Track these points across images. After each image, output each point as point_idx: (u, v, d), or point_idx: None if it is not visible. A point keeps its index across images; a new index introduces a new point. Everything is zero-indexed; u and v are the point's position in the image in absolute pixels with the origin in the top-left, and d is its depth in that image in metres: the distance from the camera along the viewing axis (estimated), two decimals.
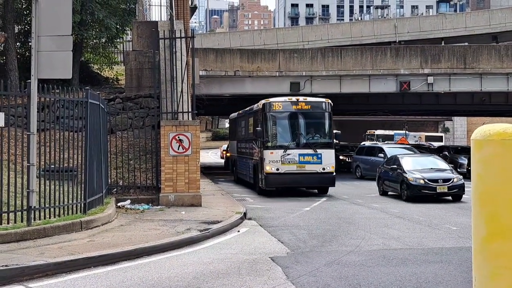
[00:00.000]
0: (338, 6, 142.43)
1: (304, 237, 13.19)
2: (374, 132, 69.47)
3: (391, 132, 67.68)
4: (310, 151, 23.42)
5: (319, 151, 23.51)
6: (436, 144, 57.15)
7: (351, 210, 18.83)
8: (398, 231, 14.15)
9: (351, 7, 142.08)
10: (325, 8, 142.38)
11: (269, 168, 23.09)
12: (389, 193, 24.04)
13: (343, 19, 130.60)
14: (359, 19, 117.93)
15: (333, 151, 24.35)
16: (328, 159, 23.45)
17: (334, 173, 23.85)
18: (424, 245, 12.27)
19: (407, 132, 68.91)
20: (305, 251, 11.44)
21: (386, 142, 55.00)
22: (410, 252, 11.38)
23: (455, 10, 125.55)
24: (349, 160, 41.26)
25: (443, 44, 51.67)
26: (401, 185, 22.33)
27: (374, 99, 41.12)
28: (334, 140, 25.60)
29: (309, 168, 23.43)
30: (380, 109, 48.25)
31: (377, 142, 51.56)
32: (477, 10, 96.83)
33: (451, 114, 67.30)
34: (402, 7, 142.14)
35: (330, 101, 25.26)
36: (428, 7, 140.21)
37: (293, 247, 11.93)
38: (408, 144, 46.73)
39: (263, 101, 24.96)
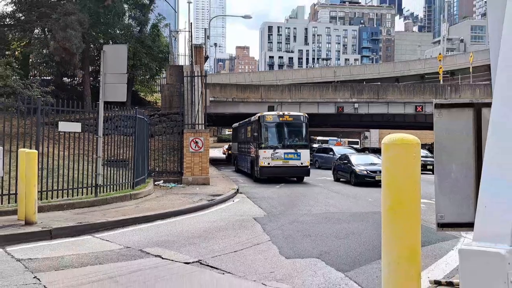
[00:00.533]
0: (299, 58, 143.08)
1: (275, 205, 13.13)
2: (316, 138, 69.01)
3: (327, 138, 67.01)
4: (292, 151, 21.11)
5: (298, 150, 21.10)
6: (355, 146, 56.27)
7: (309, 189, 18.78)
8: (335, 201, 14.14)
9: (307, 59, 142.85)
10: (291, 59, 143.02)
11: (262, 162, 20.74)
12: (341, 179, 22.95)
13: (301, 66, 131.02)
14: (312, 66, 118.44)
15: (308, 151, 21.62)
16: (304, 157, 21.03)
17: (309, 166, 21.38)
18: (351, 210, 12.27)
19: (340, 138, 69.07)
20: (276, 214, 11.39)
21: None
22: (342, 214, 11.38)
23: (372, 62, 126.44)
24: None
25: (364, 83, 51.91)
26: (350, 175, 21.40)
27: (321, 117, 41.20)
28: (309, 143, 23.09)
29: (292, 162, 20.99)
30: (324, 123, 48.23)
31: (322, 144, 51.13)
32: (386, 62, 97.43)
33: (369, 127, 67.46)
34: (339, 59, 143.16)
35: (306, 115, 22.54)
36: (355, 59, 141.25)
37: (268, 211, 11.86)
38: (341, 146, 46.69)
39: (258, 114, 22.14)
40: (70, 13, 22.19)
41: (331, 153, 33.27)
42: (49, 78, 28.20)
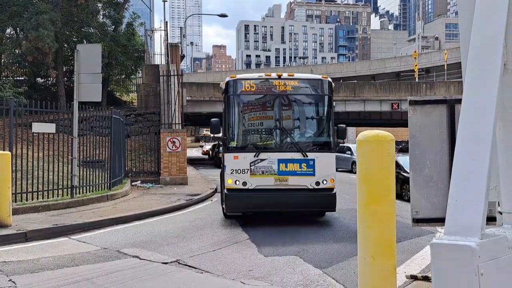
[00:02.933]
0: (276, 57, 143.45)
1: None
2: None
3: None
4: (297, 156, 9.57)
5: (311, 155, 9.64)
6: None
7: None
8: None
9: (284, 57, 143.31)
10: (268, 58, 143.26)
11: (231, 181, 9.44)
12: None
13: (279, 65, 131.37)
14: (289, 65, 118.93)
15: (333, 155, 9.99)
16: (325, 168, 9.65)
17: (335, 190, 9.72)
18: None
19: None
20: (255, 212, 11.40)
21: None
22: None
23: (349, 60, 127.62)
24: None
25: (341, 81, 52.37)
26: (401, 185, 14.53)
27: None
28: (335, 139, 10.40)
29: (295, 181, 9.50)
30: None
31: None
32: (362, 60, 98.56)
33: (346, 125, 67.96)
34: (316, 57, 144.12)
35: (330, 79, 10.29)
36: (332, 58, 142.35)
37: None
38: None
39: (227, 78, 10.24)
40: (42, 12, 21.75)
41: (349, 152, 27.82)
42: (22, 78, 27.58)
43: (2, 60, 27.28)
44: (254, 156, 9.25)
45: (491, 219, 3.78)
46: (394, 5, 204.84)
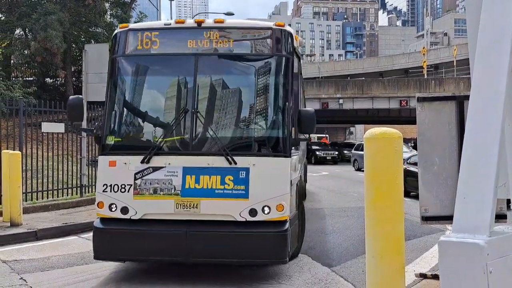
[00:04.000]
0: None
1: None
2: None
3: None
4: (219, 162, 5.20)
5: (242, 161, 5.18)
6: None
7: None
8: (321, 198, 14.20)
9: None
10: None
11: (103, 205, 5.48)
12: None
13: None
14: None
15: (286, 161, 5.31)
16: (269, 184, 5.20)
17: (288, 226, 5.25)
18: (336, 205, 12.34)
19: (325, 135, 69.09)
20: None
21: None
22: (328, 210, 11.46)
23: (356, 57, 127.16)
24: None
25: (348, 78, 52.23)
26: None
27: None
28: (296, 133, 5.59)
29: (212, 208, 5.18)
30: None
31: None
32: (370, 57, 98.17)
33: (354, 123, 67.93)
34: (323, 55, 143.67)
35: (291, 29, 5.83)
36: (339, 55, 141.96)
37: None
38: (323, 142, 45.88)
39: (116, 30, 6.04)
40: (50, 13, 21.91)
41: None
42: (32, 79, 27.80)
43: (12, 61, 27.52)
44: (143, 162, 5.25)
45: (501, 217, 3.76)
46: (402, 1, 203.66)
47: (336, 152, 35.32)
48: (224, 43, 5.62)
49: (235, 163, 5.20)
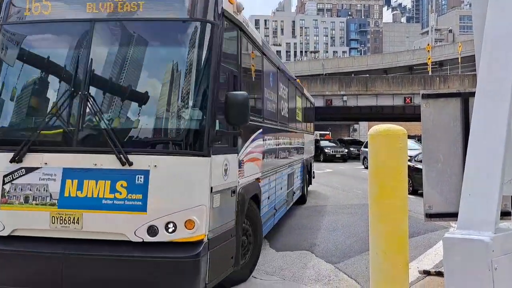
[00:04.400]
0: (286, 51, 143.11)
1: None
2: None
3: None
4: (108, 162, 3.85)
5: (140, 161, 3.84)
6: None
7: None
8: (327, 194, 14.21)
9: (295, 52, 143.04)
10: (278, 52, 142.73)
11: None
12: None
13: (289, 59, 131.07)
14: (300, 59, 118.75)
15: (205, 161, 3.92)
16: (179, 193, 3.84)
17: (203, 248, 3.83)
18: (340, 202, 12.34)
19: (328, 132, 68.88)
20: None
21: None
22: (331, 207, 11.46)
23: (361, 54, 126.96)
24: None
25: (353, 75, 52.14)
26: None
27: None
28: (216, 123, 4.07)
29: (97, 225, 3.84)
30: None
31: None
32: (374, 54, 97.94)
33: (358, 120, 67.71)
34: (327, 51, 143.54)
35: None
36: (344, 52, 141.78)
37: None
38: (332, 139, 46.07)
39: None
40: None
41: None
42: None
43: None
44: (13, 161, 4.07)
45: (505, 214, 3.75)
46: None
47: (346, 150, 34.00)
48: (132, 6, 4.22)
49: (130, 163, 3.85)
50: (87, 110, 4.04)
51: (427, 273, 5.49)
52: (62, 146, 4.10)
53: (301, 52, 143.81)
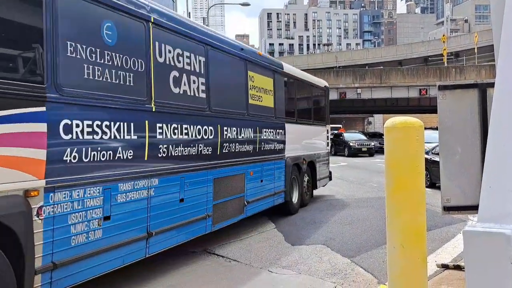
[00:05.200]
0: (299, 44, 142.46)
1: None
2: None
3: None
4: None
5: None
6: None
7: None
8: (339, 188, 14.15)
9: (308, 45, 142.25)
10: (291, 45, 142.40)
11: None
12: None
13: (302, 52, 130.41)
14: (313, 52, 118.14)
15: None
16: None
17: None
18: (355, 196, 12.27)
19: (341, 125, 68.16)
20: None
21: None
22: (347, 200, 11.41)
23: (374, 46, 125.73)
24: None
25: (366, 67, 51.71)
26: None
27: None
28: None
29: None
30: None
31: None
32: (388, 46, 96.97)
33: (372, 113, 67.23)
34: (340, 44, 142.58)
35: None
36: (357, 44, 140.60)
37: None
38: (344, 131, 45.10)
39: None
40: None
41: None
42: None
43: None
44: None
45: None
46: None
47: (373, 143, 31.16)
48: None
49: None
50: None
51: (445, 266, 5.43)
52: None
53: (314, 45, 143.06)
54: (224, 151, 6.64)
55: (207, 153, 6.16)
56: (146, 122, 4.88)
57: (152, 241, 5.05)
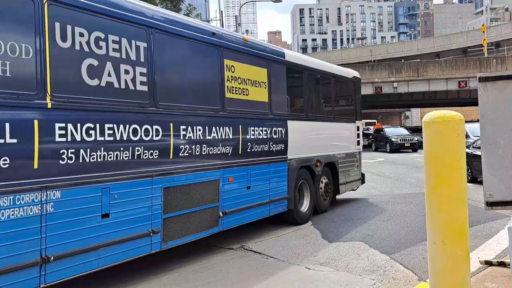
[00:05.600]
0: (333, 39, 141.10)
1: None
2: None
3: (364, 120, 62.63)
4: None
5: None
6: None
7: None
8: (376, 184, 13.96)
9: (341, 39, 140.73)
10: (324, 40, 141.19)
11: None
12: None
13: (336, 47, 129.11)
14: (346, 47, 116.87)
15: None
16: None
17: None
18: (393, 192, 12.07)
19: (376, 120, 66.80)
20: None
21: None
22: (384, 196, 11.24)
23: (410, 38, 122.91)
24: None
25: (403, 61, 50.67)
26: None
27: None
28: None
29: None
30: (361, 105, 47.16)
31: None
32: (425, 38, 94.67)
33: (410, 107, 65.73)
34: (375, 38, 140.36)
35: None
36: (392, 37, 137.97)
37: None
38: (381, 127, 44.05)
39: None
40: None
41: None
42: None
43: None
44: None
45: None
46: None
47: (416, 138, 29.54)
48: None
49: None
50: None
51: (489, 263, 5.27)
52: None
53: (347, 39, 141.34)
54: (181, 154, 5.48)
55: (151, 157, 5.05)
56: (36, 122, 3.94)
57: (49, 268, 4.04)
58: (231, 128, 6.37)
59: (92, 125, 4.43)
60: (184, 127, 5.56)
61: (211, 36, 6.13)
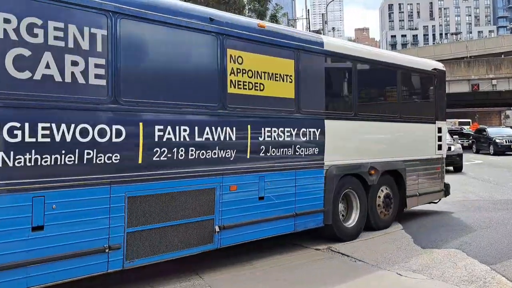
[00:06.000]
0: (424, 35, 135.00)
1: None
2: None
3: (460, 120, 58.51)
4: None
5: None
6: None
7: None
8: (473, 188, 13.06)
9: (433, 35, 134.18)
10: (415, 36, 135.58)
11: None
12: None
13: (427, 43, 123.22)
14: (439, 42, 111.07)
15: None
16: None
17: None
18: (493, 197, 11.21)
19: (475, 119, 62.52)
20: None
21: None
22: (483, 202, 10.47)
23: (511, 33, 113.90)
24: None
25: (502, 56, 47.14)
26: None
27: (452, 97, 38.25)
28: None
29: None
30: (456, 104, 44.48)
31: None
32: None
33: (511, 106, 60.97)
34: (471, 32, 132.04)
35: None
36: (490, 31, 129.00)
37: None
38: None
39: None
40: None
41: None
42: None
43: None
44: None
45: None
46: None
47: None
48: None
49: None
50: None
51: None
52: None
53: (440, 34, 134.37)
54: (155, 158, 4.67)
55: (108, 162, 4.33)
56: None
57: None
58: (234, 128, 5.43)
59: (18, 124, 3.78)
60: (161, 127, 4.72)
61: (208, 22, 5.26)
